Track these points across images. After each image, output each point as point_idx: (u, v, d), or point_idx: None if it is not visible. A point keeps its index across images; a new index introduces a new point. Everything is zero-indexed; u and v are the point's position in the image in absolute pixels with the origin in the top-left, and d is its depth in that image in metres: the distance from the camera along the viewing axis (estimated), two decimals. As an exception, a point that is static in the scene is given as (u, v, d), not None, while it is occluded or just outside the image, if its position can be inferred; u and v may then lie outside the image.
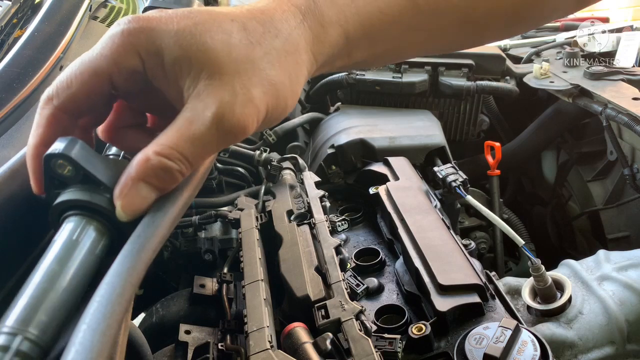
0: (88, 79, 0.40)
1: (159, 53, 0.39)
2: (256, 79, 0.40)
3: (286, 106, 0.43)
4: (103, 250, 0.50)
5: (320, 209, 0.88)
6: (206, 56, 0.39)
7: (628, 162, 1.21)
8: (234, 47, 0.40)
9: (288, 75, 0.42)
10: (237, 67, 0.39)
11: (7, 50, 0.83)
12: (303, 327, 0.67)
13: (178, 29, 0.39)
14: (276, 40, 0.42)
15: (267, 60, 0.41)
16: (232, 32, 0.40)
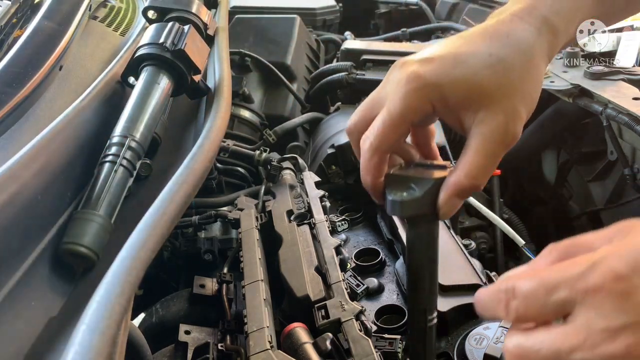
0: (402, 129, 0.52)
1: (444, 98, 0.51)
2: (519, 98, 0.51)
3: (533, 110, 0.53)
4: (169, 90, 0.83)
5: (320, 209, 0.88)
6: (481, 93, 0.50)
7: (628, 162, 1.20)
8: (497, 78, 0.50)
9: (536, 85, 0.53)
10: (504, 93, 0.50)
11: (7, 50, 0.83)
12: (303, 327, 0.67)
13: (453, 78, 0.50)
14: (524, 58, 0.52)
15: (521, 79, 0.51)
16: (493, 65, 0.50)
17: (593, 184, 1.32)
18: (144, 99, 0.78)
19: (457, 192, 0.51)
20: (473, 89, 0.50)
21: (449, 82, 0.50)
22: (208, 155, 0.70)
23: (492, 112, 0.50)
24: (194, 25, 0.93)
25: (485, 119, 0.50)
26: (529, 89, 0.52)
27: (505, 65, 0.51)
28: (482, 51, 0.51)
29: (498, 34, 0.52)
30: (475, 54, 0.51)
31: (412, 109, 0.51)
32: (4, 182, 0.55)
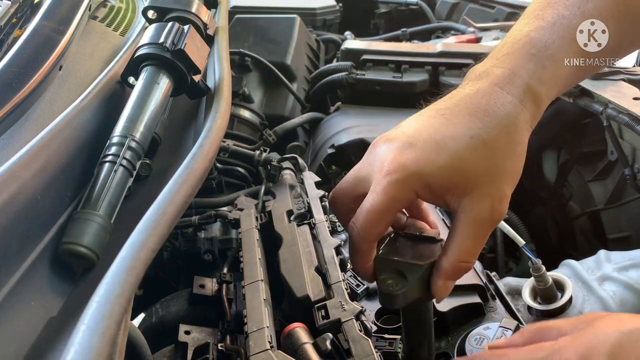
0: (387, 220, 0.52)
1: (427, 186, 0.50)
2: (503, 178, 0.50)
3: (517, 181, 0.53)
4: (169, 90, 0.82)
5: (320, 209, 0.88)
6: (465, 178, 0.49)
7: (629, 162, 1.20)
8: (480, 161, 0.49)
9: (519, 161, 0.52)
10: (488, 176, 0.50)
11: (7, 50, 0.83)
12: (303, 327, 0.67)
13: (436, 166, 0.49)
14: (506, 136, 0.50)
15: (504, 157, 0.50)
16: (475, 148, 0.49)
17: (593, 184, 1.32)
18: (144, 99, 0.78)
19: (451, 276, 0.51)
20: (456, 176, 0.49)
21: (432, 171, 0.49)
22: (208, 155, 0.70)
23: (477, 196, 0.49)
24: (194, 25, 0.93)
25: (471, 203, 0.49)
26: (513, 167, 0.51)
27: (487, 146, 0.50)
28: (463, 133, 0.50)
29: (478, 110, 0.51)
30: (456, 137, 0.50)
31: (396, 200, 0.50)
32: (4, 182, 0.55)
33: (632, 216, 1.23)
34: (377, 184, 0.51)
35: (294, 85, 1.58)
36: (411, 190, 0.50)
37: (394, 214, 0.52)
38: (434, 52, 1.40)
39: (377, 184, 0.51)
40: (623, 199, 1.25)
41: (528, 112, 0.52)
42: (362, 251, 0.53)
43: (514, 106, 0.51)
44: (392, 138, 0.52)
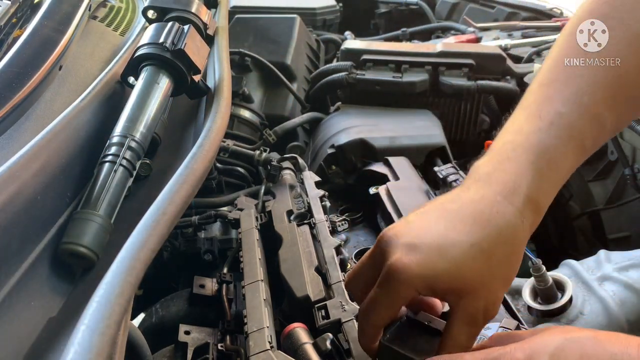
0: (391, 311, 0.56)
1: (429, 286, 0.54)
2: (498, 284, 0.55)
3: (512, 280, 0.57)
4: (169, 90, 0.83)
5: (320, 209, 0.88)
6: (464, 283, 0.53)
7: (629, 162, 1.21)
8: (479, 268, 0.53)
9: (515, 268, 0.56)
10: (485, 282, 0.54)
11: (7, 50, 0.83)
12: (303, 327, 0.67)
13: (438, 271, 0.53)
14: (505, 246, 0.54)
15: (500, 265, 0.54)
16: (475, 256, 0.53)
17: (593, 184, 1.32)
18: (144, 99, 0.78)
19: None
20: (456, 281, 0.53)
21: (434, 275, 0.53)
22: (208, 155, 0.70)
23: (473, 299, 0.54)
24: (194, 25, 0.93)
25: (467, 305, 0.54)
26: (507, 274, 0.55)
27: (485, 254, 0.53)
28: (464, 240, 0.53)
29: (482, 218, 0.54)
30: (457, 244, 0.53)
31: (400, 297, 0.55)
32: (4, 182, 0.55)
33: (632, 216, 1.23)
34: (383, 281, 0.55)
35: (294, 85, 1.58)
36: (414, 289, 0.54)
37: (397, 308, 0.56)
38: (434, 52, 1.40)
39: (382, 280, 0.55)
40: (623, 199, 1.25)
41: (528, 221, 0.55)
42: (368, 335, 0.58)
43: (515, 217, 0.55)
44: (400, 233, 0.56)
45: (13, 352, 0.49)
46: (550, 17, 1.93)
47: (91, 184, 0.67)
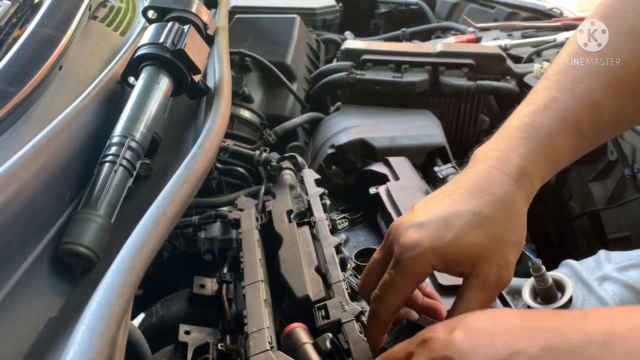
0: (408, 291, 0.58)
1: (442, 259, 0.56)
2: (507, 248, 0.56)
3: (522, 250, 0.59)
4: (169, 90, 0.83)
5: (320, 207, 0.88)
6: (474, 251, 0.55)
7: (629, 162, 1.21)
8: (486, 235, 0.55)
9: (521, 232, 0.58)
10: (494, 247, 0.56)
11: (7, 50, 0.83)
12: (303, 327, 0.67)
13: (447, 241, 0.55)
14: (506, 212, 0.57)
15: (506, 230, 0.57)
16: (480, 224, 0.55)
17: (593, 184, 1.32)
18: (144, 99, 0.78)
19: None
20: (466, 249, 0.55)
21: (443, 245, 0.55)
22: (208, 155, 0.70)
23: (485, 265, 0.56)
24: (194, 25, 0.93)
25: (480, 271, 0.56)
26: (515, 238, 0.57)
27: (490, 221, 0.56)
28: (467, 210, 0.56)
29: (479, 189, 0.58)
30: (461, 214, 0.56)
31: (414, 275, 0.56)
32: (4, 182, 0.55)
33: (632, 216, 1.23)
34: (396, 262, 0.57)
35: (294, 85, 1.58)
36: (427, 264, 0.56)
37: (413, 287, 0.58)
38: (434, 52, 1.40)
39: (395, 261, 0.57)
40: (623, 199, 1.25)
41: (524, 190, 0.58)
42: (382, 321, 0.59)
43: (510, 185, 0.58)
44: (405, 221, 0.58)
45: (13, 352, 0.49)
46: (550, 17, 1.93)
47: (91, 184, 0.67)
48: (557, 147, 0.61)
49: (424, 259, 0.56)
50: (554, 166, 0.62)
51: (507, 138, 0.61)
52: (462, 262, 0.56)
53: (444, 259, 0.56)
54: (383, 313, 0.58)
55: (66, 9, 0.95)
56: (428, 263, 0.56)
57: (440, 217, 0.57)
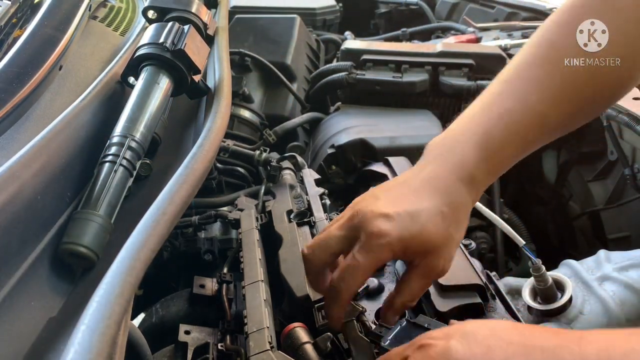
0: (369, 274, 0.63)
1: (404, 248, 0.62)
2: (453, 245, 0.64)
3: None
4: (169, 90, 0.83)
5: (320, 207, 0.88)
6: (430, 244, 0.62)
7: (629, 162, 1.21)
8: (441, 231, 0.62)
9: (464, 233, 0.66)
10: (445, 243, 0.63)
11: (7, 50, 0.83)
12: (303, 327, 0.67)
13: (411, 233, 0.61)
14: (458, 213, 0.64)
15: (456, 230, 0.64)
16: (438, 222, 0.62)
17: (593, 184, 1.32)
18: (144, 99, 0.78)
19: (398, 312, 0.65)
20: (425, 241, 0.62)
21: (409, 237, 0.61)
22: (208, 155, 0.70)
23: (435, 257, 0.63)
24: (194, 25, 0.93)
25: (429, 262, 0.63)
26: (460, 236, 0.65)
27: (446, 220, 0.63)
28: (431, 207, 0.63)
29: (438, 190, 0.64)
30: (425, 210, 0.62)
31: (379, 260, 0.62)
32: (4, 182, 0.55)
33: (632, 216, 1.23)
34: (364, 246, 0.61)
35: (294, 85, 1.58)
36: (391, 252, 0.61)
37: (373, 271, 0.63)
38: (434, 52, 1.40)
39: (363, 246, 0.61)
40: (623, 199, 1.25)
41: (471, 195, 0.65)
42: (344, 301, 0.63)
43: (463, 190, 0.65)
44: (373, 208, 0.63)
45: (13, 352, 0.49)
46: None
47: (91, 184, 0.67)
48: (506, 158, 0.68)
49: (389, 247, 0.61)
50: (498, 174, 0.69)
51: (463, 143, 0.66)
52: (419, 253, 0.63)
53: (406, 249, 0.62)
54: (346, 294, 0.62)
55: (66, 9, 0.95)
56: (392, 251, 0.61)
57: (406, 212, 0.62)
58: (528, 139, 0.68)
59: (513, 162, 0.70)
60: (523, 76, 0.70)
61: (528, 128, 0.68)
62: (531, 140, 0.69)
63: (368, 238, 0.61)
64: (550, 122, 0.69)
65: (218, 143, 0.76)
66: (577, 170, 1.37)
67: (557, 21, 0.73)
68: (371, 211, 0.63)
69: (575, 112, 0.72)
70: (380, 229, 0.61)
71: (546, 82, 0.69)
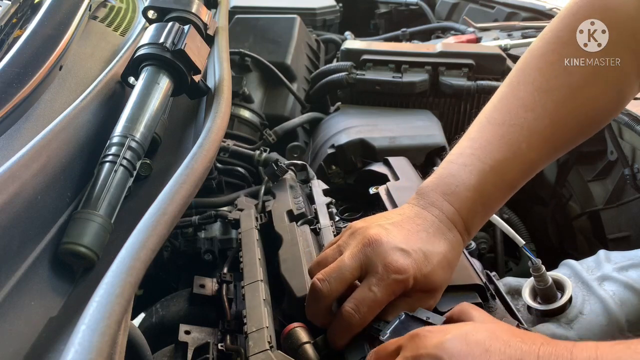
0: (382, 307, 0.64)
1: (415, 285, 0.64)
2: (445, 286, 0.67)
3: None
4: (169, 90, 0.83)
5: (326, 215, 0.88)
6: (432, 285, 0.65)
7: (628, 162, 1.21)
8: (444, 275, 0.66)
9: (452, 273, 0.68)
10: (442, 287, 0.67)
11: (7, 50, 0.83)
12: (303, 327, 0.67)
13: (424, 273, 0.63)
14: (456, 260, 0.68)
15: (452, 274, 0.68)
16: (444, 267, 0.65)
17: (593, 184, 1.32)
18: (144, 99, 0.78)
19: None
20: (430, 282, 0.64)
21: (422, 277, 0.63)
22: (208, 155, 0.70)
23: (430, 297, 0.65)
24: (194, 25, 0.93)
25: (423, 298, 0.65)
26: (450, 279, 0.68)
27: (450, 267, 0.67)
28: (440, 251, 0.65)
29: (443, 236, 0.67)
30: (436, 253, 0.65)
31: (394, 294, 0.63)
32: (4, 182, 0.55)
33: (632, 216, 1.22)
34: (382, 280, 0.62)
35: (294, 85, 1.58)
36: (405, 286, 0.63)
37: (386, 303, 0.63)
38: (434, 52, 1.40)
39: (380, 279, 0.62)
40: (623, 199, 1.25)
41: (464, 242, 0.70)
42: (354, 332, 0.63)
43: (459, 239, 0.69)
44: (387, 239, 0.64)
45: (13, 352, 0.49)
46: (550, 17, 1.93)
47: (91, 184, 0.67)
48: (494, 207, 0.72)
49: (405, 283, 0.62)
50: (485, 221, 0.73)
51: (457, 194, 0.69)
52: (419, 290, 0.64)
53: (416, 287, 0.63)
54: (360, 326, 0.63)
55: (66, 9, 0.95)
56: (405, 287, 0.63)
57: (421, 251, 0.64)
58: (516, 185, 0.72)
59: (499, 207, 0.74)
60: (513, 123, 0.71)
61: (517, 177, 0.71)
62: (518, 186, 0.73)
63: (386, 272, 0.62)
64: (538, 167, 0.73)
65: (218, 143, 0.76)
66: (577, 170, 1.37)
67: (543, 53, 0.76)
68: (387, 242, 0.63)
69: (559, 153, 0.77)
70: (399, 264, 0.62)
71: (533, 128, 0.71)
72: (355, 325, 0.62)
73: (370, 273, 0.62)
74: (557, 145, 0.74)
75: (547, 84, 0.72)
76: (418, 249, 0.64)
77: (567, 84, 0.72)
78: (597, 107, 0.75)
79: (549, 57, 0.74)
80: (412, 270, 0.62)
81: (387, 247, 0.63)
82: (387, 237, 0.64)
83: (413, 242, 0.64)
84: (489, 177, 0.69)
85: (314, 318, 0.66)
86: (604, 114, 0.78)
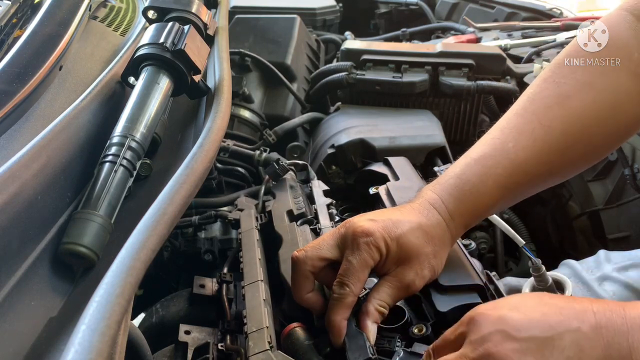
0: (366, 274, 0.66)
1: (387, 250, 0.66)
2: (427, 265, 0.67)
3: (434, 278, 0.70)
4: (169, 90, 0.83)
5: (327, 216, 0.88)
6: (405, 252, 0.66)
7: (628, 162, 1.21)
8: (421, 243, 0.67)
9: (441, 264, 0.69)
10: (420, 259, 0.66)
11: (7, 50, 0.83)
12: (303, 327, 0.67)
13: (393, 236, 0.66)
14: (437, 240, 0.69)
15: (434, 254, 0.68)
16: (420, 234, 0.67)
17: (593, 184, 1.32)
18: (144, 99, 0.78)
19: (368, 317, 0.65)
20: (402, 247, 0.66)
21: (391, 239, 0.65)
22: (208, 155, 0.70)
23: (407, 268, 0.66)
24: (194, 25, 0.93)
25: (400, 271, 0.66)
26: (435, 263, 0.68)
27: (424, 237, 0.67)
28: (412, 220, 0.68)
29: (422, 213, 0.69)
30: (407, 221, 0.67)
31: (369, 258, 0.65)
32: (4, 182, 0.55)
33: (632, 216, 1.23)
34: (354, 249, 0.65)
35: (294, 85, 1.58)
36: (378, 250, 0.65)
37: (368, 271, 0.66)
38: (434, 52, 1.40)
39: (351, 247, 0.66)
40: (623, 199, 1.25)
41: (450, 231, 0.70)
42: (346, 308, 0.65)
43: (443, 223, 0.69)
44: (361, 218, 0.68)
45: (13, 352, 0.49)
46: (550, 17, 1.93)
47: (91, 184, 0.67)
48: (481, 200, 0.71)
49: (375, 245, 0.65)
50: (479, 215, 0.73)
51: (440, 183, 0.72)
52: (394, 260, 0.66)
53: (387, 251, 0.65)
54: (348, 297, 0.65)
55: (66, 9, 0.95)
56: (378, 250, 0.65)
57: (390, 219, 0.67)
58: (505, 184, 0.71)
59: (498, 205, 0.73)
60: (505, 127, 0.74)
61: (503, 174, 0.71)
62: (511, 187, 0.72)
63: (354, 237, 0.65)
64: (530, 168, 0.72)
65: (218, 143, 0.76)
66: (577, 170, 1.37)
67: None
68: (358, 219, 0.68)
69: (556, 160, 0.74)
70: (364, 227, 0.65)
71: (525, 130, 0.72)
72: (345, 295, 0.64)
73: (346, 248, 0.66)
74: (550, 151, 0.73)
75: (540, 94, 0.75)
76: (387, 218, 0.67)
77: (557, 93, 0.74)
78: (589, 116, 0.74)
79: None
80: (378, 233, 0.65)
81: (356, 220, 0.67)
82: (362, 217, 0.68)
83: (385, 215, 0.68)
84: (473, 167, 0.71)
85: (297, 292, 0.69)
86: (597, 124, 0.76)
